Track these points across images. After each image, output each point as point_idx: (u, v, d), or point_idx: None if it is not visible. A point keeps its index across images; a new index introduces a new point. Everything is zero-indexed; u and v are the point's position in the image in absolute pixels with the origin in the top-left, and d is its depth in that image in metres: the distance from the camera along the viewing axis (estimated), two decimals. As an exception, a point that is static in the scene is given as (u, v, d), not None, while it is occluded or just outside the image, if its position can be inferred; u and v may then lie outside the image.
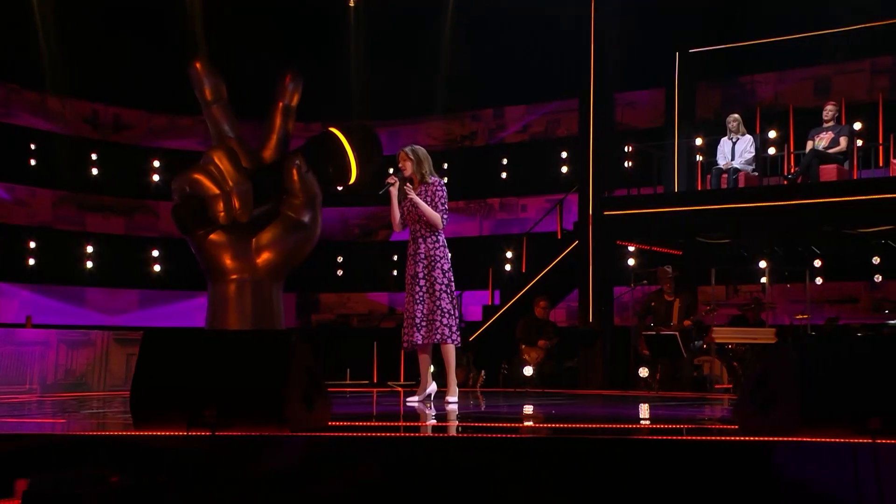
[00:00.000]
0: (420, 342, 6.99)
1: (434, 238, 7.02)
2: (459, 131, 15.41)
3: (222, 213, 11.85)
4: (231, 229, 11.95)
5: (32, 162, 14.03)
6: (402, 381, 12.11)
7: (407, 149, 7.17)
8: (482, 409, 7.08)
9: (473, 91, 14.78)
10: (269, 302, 12.37)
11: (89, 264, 14.45)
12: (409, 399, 7.26)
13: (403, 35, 14.17)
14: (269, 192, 12.45)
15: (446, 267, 7.01)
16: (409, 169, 7.08)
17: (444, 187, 7.07)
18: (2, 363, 8.97)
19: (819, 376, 3.95)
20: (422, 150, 7.18)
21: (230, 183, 11.92)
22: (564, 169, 14.38)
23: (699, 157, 12.97)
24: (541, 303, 11.12)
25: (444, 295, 6.93)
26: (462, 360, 11.40)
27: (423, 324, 6.96)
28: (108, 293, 14.56)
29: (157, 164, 14.86)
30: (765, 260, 12.35)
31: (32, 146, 14.02)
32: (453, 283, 7.04)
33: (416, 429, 4.47)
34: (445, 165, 15.28)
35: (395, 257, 15.34)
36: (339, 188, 14.04)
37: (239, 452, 3.45)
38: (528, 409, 7.08)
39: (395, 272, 15.32)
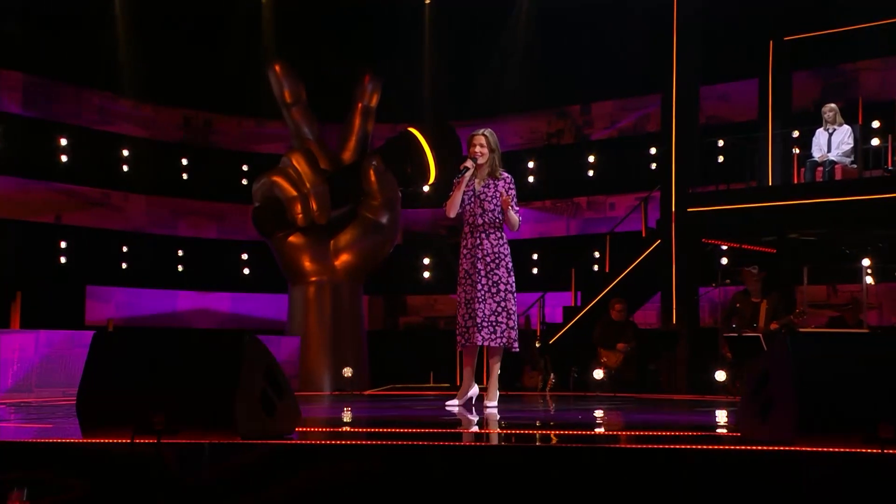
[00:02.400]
0: (481, 343, 6.60)
1: (498, 234, 6.61)
2: (545, 129, 15.09)
3: (300, 216, 12.09)
4: (309, 231, 12.15)
5: (126, 168, 14.38)
6: (483, 384, 11.84)
7: (486, 132, 6.72)
8: (515, 414, 6.61)
9: (560, 87, 14.46)
10: (349, 303, 12.50)
11: (181, 268, 14.73)
12: (448, 403, 6.97)
13: (485, 31, 13.98)
14: (347, 194, 12.55)
15: (511, 266, 6.64)
16: (486, 156, 6.64)
17: (514, 185, 6.73)
18: (73, 366, 9.13)
19: (820, 378, 3.56)
20: (496, 137, 6.72)
21: (308, 185, 12.14)
22: (654, 165, 13.90)
23: (796, 150, 12.33)
24: (616, 305, 10.71)
25: (509, 296, 6.57)
26: (539, 364, 11.11)
27: (485, 324, 6.55)
28: (199, 296, 14.81)
29: (246, 168, 15.05)
30: (868, 257, 11.62)
31: (126, 152, 14.38)
32: (514, 284, 6.71)
33: (392, 436, 4.22)
34: (531, 164, 14.99)
35: (482, 258, 15.12)
36: (423, 189, 14.02)
37: (188, 460, 3.28)
38: (561, 415, 6.71)
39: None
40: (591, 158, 14.58)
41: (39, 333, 9.03)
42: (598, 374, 9.96)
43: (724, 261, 13.14)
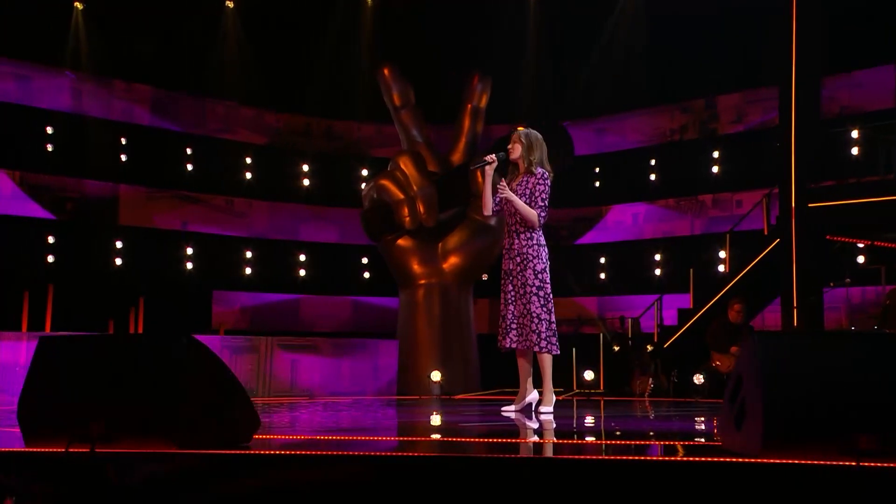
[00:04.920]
0: (507, 346, 6.50)
1: (528, 234, 6.43)
2: (668, 125, 14.51)
3: (407, 218, 12.06)
4: (418, 234, 12.09)
5: (248, 175, 14.71)
6: (578, 389, 11.42)
7: (521, 130, 6.63)
8: (566, 422, 6.21)
9: (682, 81, 13.89)
10: (457, 306, 12.37)
11: (303, 272, 14.95)
12: (504, 408, 6.75)
13: (595, 26, 13.59)
14: (455, 196, 12.41)
15: (539, 267, 6.42)
16: (516, 152, 6.52)
17: (548, 181, 6.47)
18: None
19: (791, 382, 3.19)
20: (535, 136, 6.55)
21: (415, 188, 12.08)
22: (783, 159, 13.14)
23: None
24: (735, 305, 10.10)
25: (534, 298, 6.36)
26: (650, 368, 10.66)
27: (514, 326, 6.46)
28: (320, 300, 14.98)
29: (365, 172, 15.13)
30: None
31: (248, 160, 14.71)
32: (547, 286, 6.44)
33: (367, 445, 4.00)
34: (653, 161, 14.48)
35: (602, 259, 14.72)
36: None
37: (131, 469, 3.18)
38: (592, 422, 6.33)
39: (601, 275, 14.69)
40: (716, 154, 13.93)
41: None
42: (699, 378, 9.42)
43: (861, 259, 12.32)
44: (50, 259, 12.84)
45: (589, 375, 9.95)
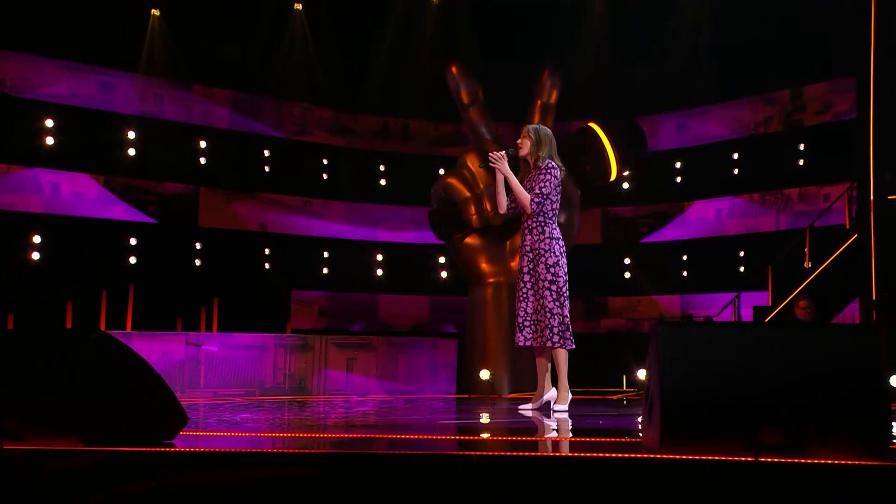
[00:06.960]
0: (521, 343, 6.37)
1: (540, 230, 6.37)
2: (752, 118, 13.97)
3: (474, 217, 11.92)
4: (486, 233, 11.95)
5: (325, 175, 14.82)
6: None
7: (530, 126, 6.65)
8: (580, 420, 5.99)
9: (767, 71, 13.37)
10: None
11: (380, 272, 14.98)
12: (521, 407, 6.63)
13: (668, 17, 13.20)
14: (524, 193, 12.15)
15: (551, 261, 6.30)
16: (525, 148, 6.53)
17: (552, 173, 6.38)
18: (221, 366, 9.45)
19: (691, 375, 3.05)
20: (545, 132, 6.57)
21: (482, 186, 11.93)
22: (872, 151, 12.46)
23: None
24: (800, 302, 9.66)
25: (547, 293, 6.27)
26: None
27: (527, 324, 6.39)
28: (398, 299, 14.98)
29: (442, 171, 15.03)
30: None
31: (325, 161, 14.82)
32: (561, 279, 6.29)
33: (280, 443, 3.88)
34: (736, 156, 13.97)
35: (685, 257, 14.29)
36: (621, 186, 13.33)
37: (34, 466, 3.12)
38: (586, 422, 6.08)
39: (684, 273, 14.26)
40: (802, 146, 13.35)
41: (222, 336, 9.42)
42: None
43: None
44: (132, 260, 13.17)
45: (642, 374, 9.64)
